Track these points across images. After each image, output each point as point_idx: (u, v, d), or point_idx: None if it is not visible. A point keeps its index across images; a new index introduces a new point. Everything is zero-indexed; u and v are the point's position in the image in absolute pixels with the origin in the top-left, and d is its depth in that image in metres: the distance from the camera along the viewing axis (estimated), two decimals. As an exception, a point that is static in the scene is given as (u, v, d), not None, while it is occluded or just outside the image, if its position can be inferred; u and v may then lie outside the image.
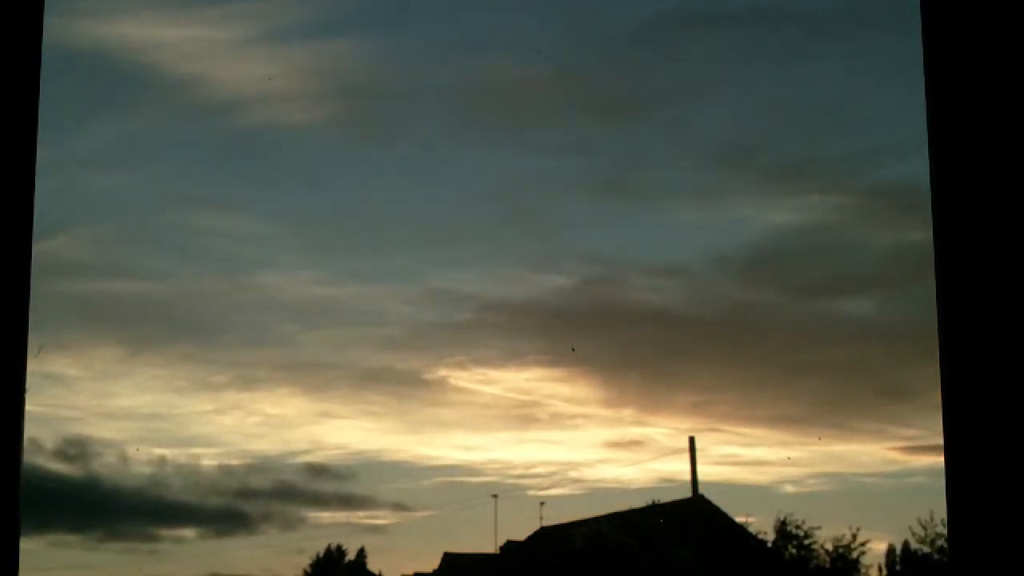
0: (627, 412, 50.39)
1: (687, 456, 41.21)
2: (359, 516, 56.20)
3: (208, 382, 50.45)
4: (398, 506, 56.02)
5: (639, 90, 44.14)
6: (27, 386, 2.14)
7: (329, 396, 52.02)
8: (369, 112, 45.74)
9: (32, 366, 2.16)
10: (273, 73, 40.90)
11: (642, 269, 50.03)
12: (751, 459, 50.72)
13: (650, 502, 41.90)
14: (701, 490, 41.40)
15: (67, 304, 43.14)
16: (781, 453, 46.38)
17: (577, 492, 53.33)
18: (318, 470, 52.58)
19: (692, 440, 41.13)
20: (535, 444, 54.80)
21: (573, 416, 51.61)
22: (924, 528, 39.31)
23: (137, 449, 49.31)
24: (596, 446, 56.12)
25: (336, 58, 42.70)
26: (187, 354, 50.77)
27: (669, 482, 48.71)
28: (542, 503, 49.22)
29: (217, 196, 49.53)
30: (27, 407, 2.13)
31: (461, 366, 50.84)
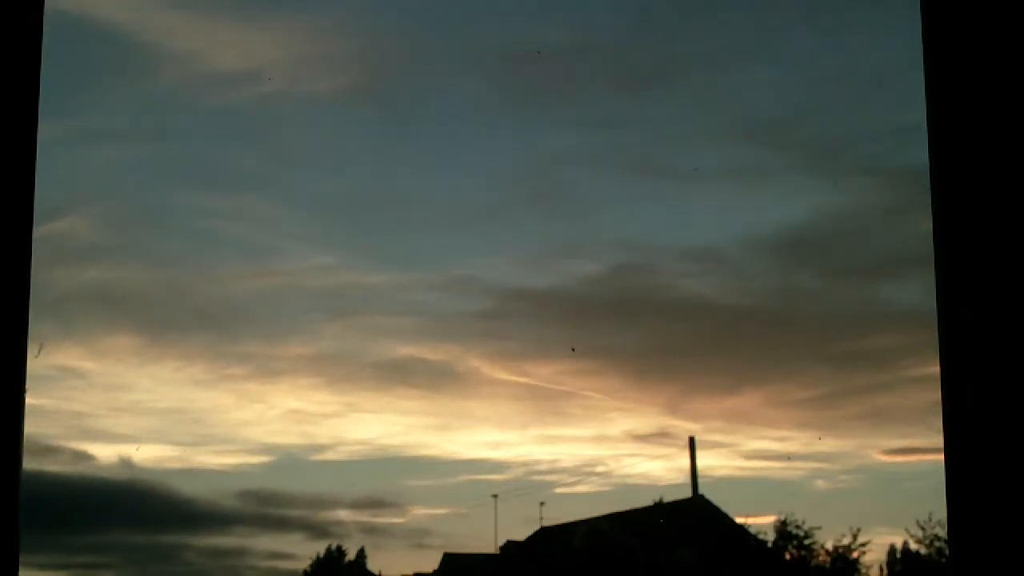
0: (658, 405, 48.76)
1: (718, 451, 41.12)
2: (368, 515, 55.72)
3: (227, 374, 48.67)
4: (410, 504, 55.58)
5: (673, 60, 41.15)
6: (33, 380, 2.14)
7: (353, 389, 50.49)
8: (388, 84, 43.88)
9: (41, 358, 2.14)
10: (287, 40, 39.55)
11: (675, 254, 47.47)
12: (783, 453, 48.38)
13: (664, 500, 41.74)
14: (731, 486, 41.21)
15: (76, 290, 42.38)
16: (815, 447, 45.51)
17: (605, 488, 52.66)
18: (338, 467, 52.29)
19: (692, 440, 41.13)
20: (563, 439, 53.09)
21: (603, 409, 50.00)
22: (923, 528, 39.31)
23: (137, 448, 48.98)
24: (626, 441, 53.82)
25: (354, 25, 41.27)
26: (205, 345, 49.38)
27: (698, 477, 47.68)
28: (542, 503, 49.19)
29: (230, 175, 47.47)
30: (36, 401, 2.12)
31: (487, 358, 49.08)
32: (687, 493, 41.55)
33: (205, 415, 50.49)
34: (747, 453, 50.83)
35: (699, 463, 41.05)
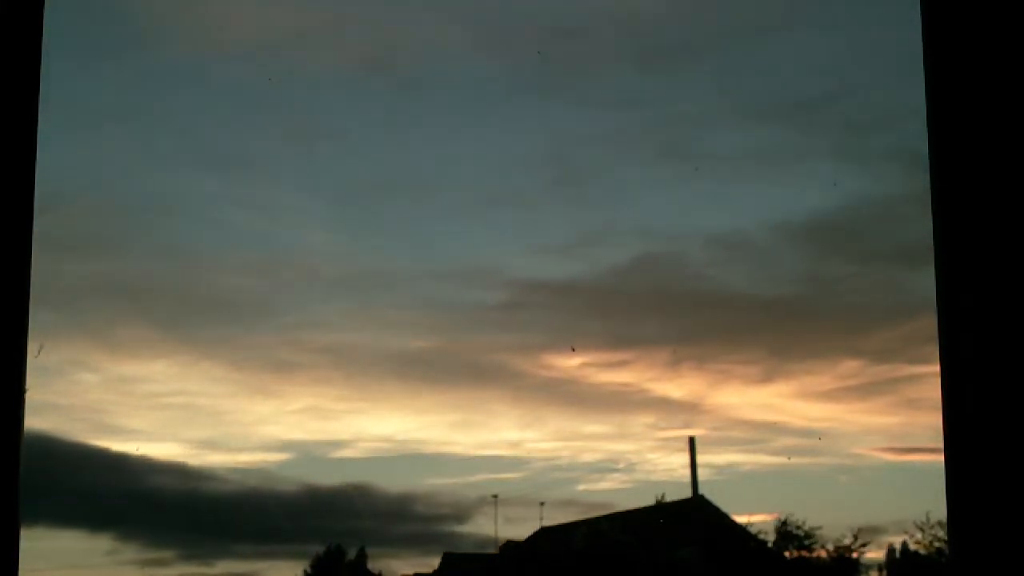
0: (684, 400, 47.75)
1: (744, 447, 40.85)
2: (377, 514, 55.27)
3: (241, 368, 47.99)
4: (424, 502, 55.09)
5: (699, 37, 39.49)
6: (39, 375, 2.13)
7: (371, 383, 49.80)
8: (406, 64, 41.85)
9: (47, 353, 2.13)
10: (295, 19, 38.72)
11: (701, 241, 45.87)
12: (809, 448, 47.80)
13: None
14: (753, 482, 40.77)
15: (84, 280, 41.65)
16: (839, 443, 44.65)
17: (628, 485, 51.81)
18: (357, 465, 51.84)
19: (692, 440, 41.17)
20: (586, 435, 52.02)
21: (628, 403, 48.96)
22: (922, 529, 39.24)
23: (137, 449, 48.68)
24: (650, 435, 52.04)
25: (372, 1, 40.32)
26: (218, 338, 48.29)
27: (723, 474, 46.66)
28: (542, 503, 49.05)
29: (243, 159, 45.71)
30: (42, 396, 2.12)
31: (509, 351, 47.79)
32: (710, 489, 41.49)
33: (218, 411, 49.96)
34: (774, 449, 49.30)
35: (724, 459, 41.02)
